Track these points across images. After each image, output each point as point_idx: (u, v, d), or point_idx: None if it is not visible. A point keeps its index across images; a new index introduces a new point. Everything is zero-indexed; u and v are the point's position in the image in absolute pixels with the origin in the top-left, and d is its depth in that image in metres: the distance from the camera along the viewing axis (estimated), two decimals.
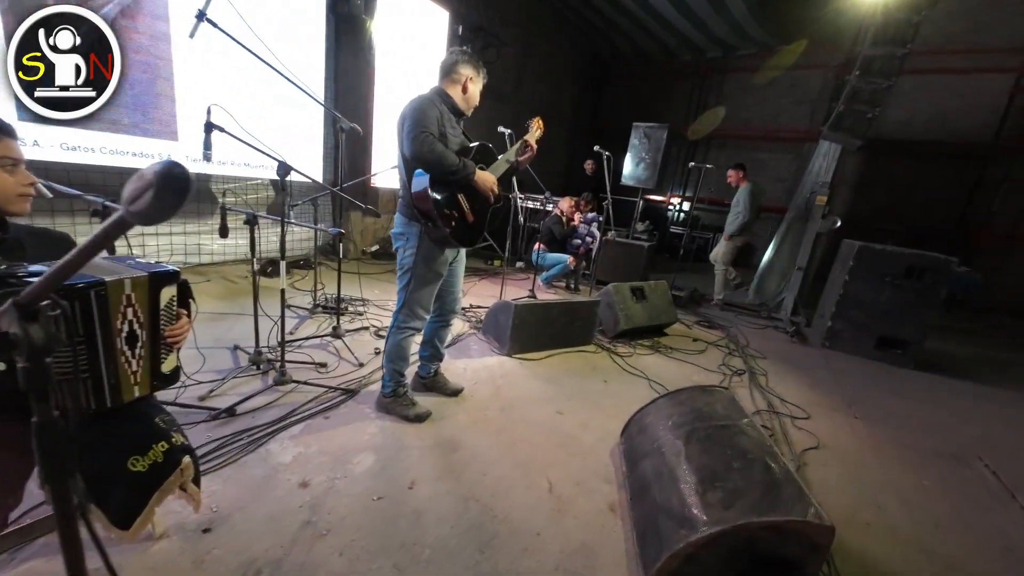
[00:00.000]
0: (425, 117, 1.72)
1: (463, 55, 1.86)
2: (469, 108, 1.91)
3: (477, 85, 1.88)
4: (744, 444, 1.53)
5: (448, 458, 1.81)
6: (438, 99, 1.82)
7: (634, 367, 3.00)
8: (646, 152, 5.01)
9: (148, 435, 1.01)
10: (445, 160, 1.72)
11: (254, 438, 1.74)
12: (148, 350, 1.05)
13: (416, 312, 1.94)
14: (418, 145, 1.69)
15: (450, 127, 1.82)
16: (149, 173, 0.43)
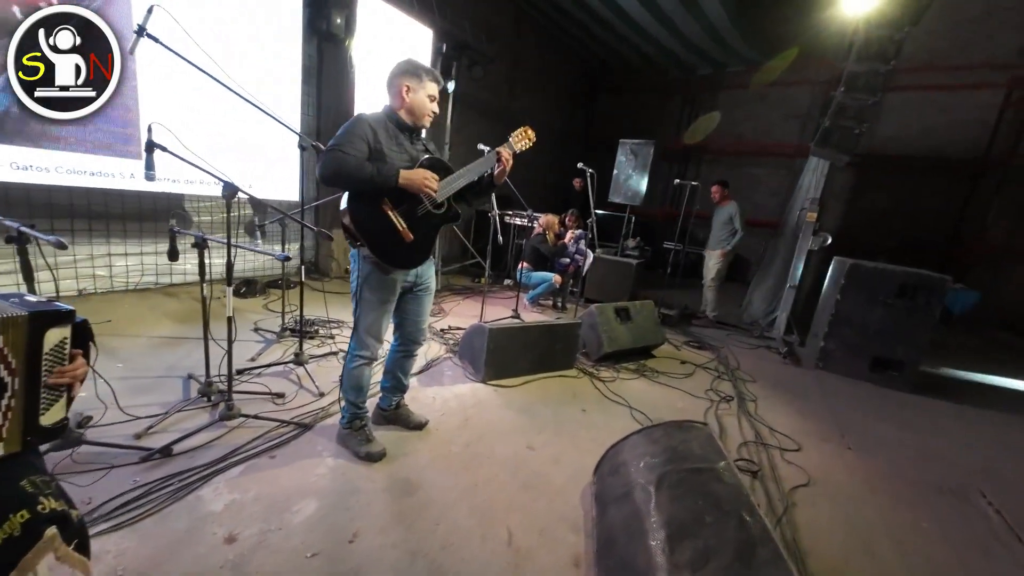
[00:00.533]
0: (344, 135, 1.60)
1: (401, 65, 1.73)
2: (418, 119, 1.75)
3: (419, 93, 1.71)
4: (719, 492, 1.38)
5: (400, 503, 1.66)
6: (383, 116, 1.72)
7: (616, 394, 2.85)
8: (633, 169, 4.95)
9: (7, 503, 0.87)
10: (352, 172, 1.55)
11: (186, 483, 1.59)
12: (22, 401, 0.91)
13: (365, 341, 1.80)
14: (321, 161, 1.56)
15: (392, 144, 1.70)
16: None
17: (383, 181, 1.60)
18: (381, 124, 1.69)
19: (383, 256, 1.69)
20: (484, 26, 6.12)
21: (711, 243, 4.73)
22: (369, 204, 1.65)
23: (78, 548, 0.98)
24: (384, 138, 1.68)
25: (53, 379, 0.98)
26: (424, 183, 1.65)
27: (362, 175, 1.57)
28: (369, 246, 1.68)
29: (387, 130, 1.70)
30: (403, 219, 1.69)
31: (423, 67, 1.74)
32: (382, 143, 1.67)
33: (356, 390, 1.89)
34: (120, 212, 3.42)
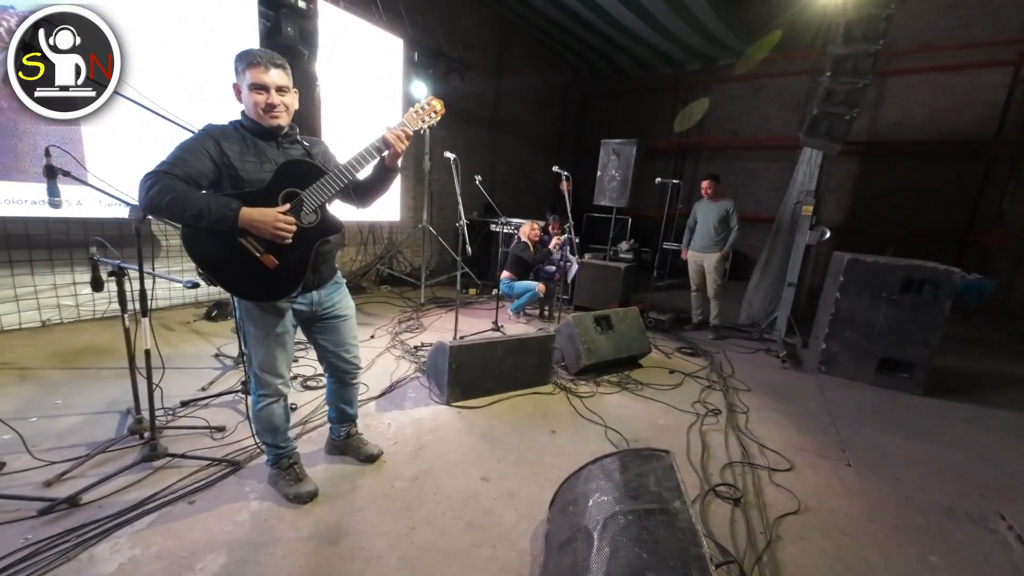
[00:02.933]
0: (177, 153, 1.36)
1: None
2: (259, 120, 1.47)
3: (244, 84, 1.45)
4: (667, 541, 1.18)
5: (320, 555, 1.48)
6: (236, 125, 1.50)
7: (593, 411, 2.64)
8: (616, 169, 4.76)
9: None
10: (183, 204, 1.29)
11: (83, 539, 1.44)
12: None
13: (262, 379, 1.62)
14: (143, 189, 1.30)
15: (250, 157, 1.47)
16: None
17: (215, 220, 1.32)
18: (231, 134, 1.47)
19: (237, 291, 1.47)
20: (461, 33, 6.03)
21: (706, 245, 4.44)
22: (211, 234, 1.37)
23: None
24: (236, 150, 1.44)
25: None
26: (274, 228, 1.37)
27: (190, 210, 1.30)
28: (219, 283, 1.42)
29: (242, 140, 1.47)
30: (258, 243, 1.41)
31: (242, 55, 1.46)
32: (230, 157, 1.43)
33: (271, 432, 1.71)
34: (81, 240, 3.35)
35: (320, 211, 1.50)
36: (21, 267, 3.18)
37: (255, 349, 1.58)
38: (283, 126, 1.52)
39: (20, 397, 2.27)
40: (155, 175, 1.32)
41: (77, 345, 3.01)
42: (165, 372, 2.10)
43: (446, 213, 6.68)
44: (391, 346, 3.49)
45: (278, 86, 1.46)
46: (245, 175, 1.45)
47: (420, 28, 4.92)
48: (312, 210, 1.48)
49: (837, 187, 7.37)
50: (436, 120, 1.62)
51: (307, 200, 1.46)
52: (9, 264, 3.11)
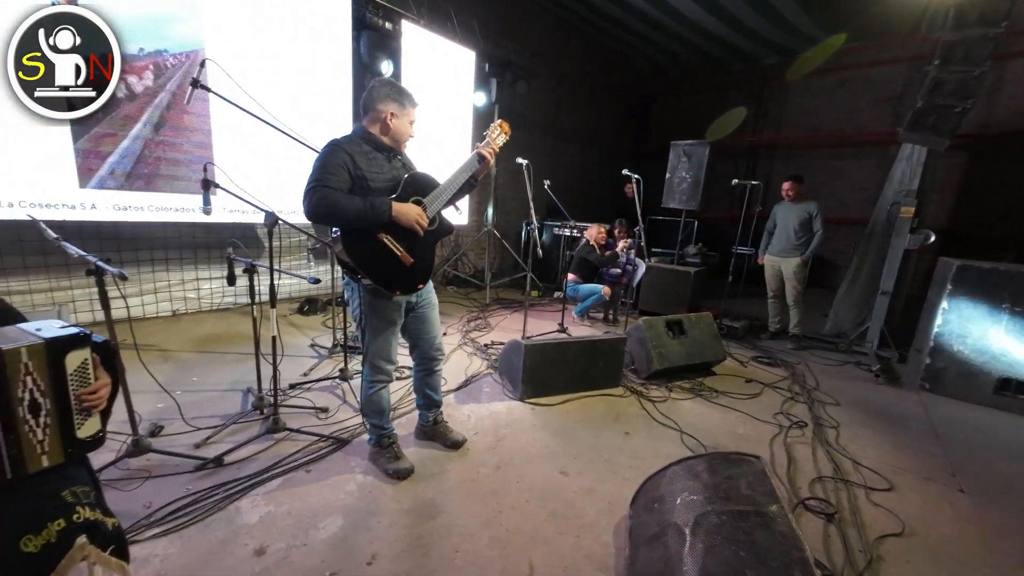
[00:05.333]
0: (323, 167, 1.58)
1: (381, 89, 1.72)
2: (399, 143, 1.77)
3: (403, 119, 1.73)
4: (765, 543, 1.18)
5: (421, 527, 1.63)
6: (357, 139, 1.71)
7: (666, 415, 2.62)
8: (687, 171, 4.64)
9: (45, 512, 0.97)
10: (346, 209, 1.54)
11: (228, 493, 1.70)
12: (55, 418, 1.02)
13: (378, 365, 1.83)
14: (308, 200, 1.54)
15: (373, 167, 1.69)
16: None
17: (376, 216, 1.58)
18: (358, 148, 1.67)
19: (387, 285, 1.69)
20: (527, 42, 6.19)
21: (785, 249, 4.19)
22: (364, 235, 1.63)
23: (116, 553, 1.07)
24: (363, 162, 1.66)
25: (85, 396, 1.08)
26: (416, 220, 1.64)
27: (354, 212, 1.55)
28: (371, 277, 1.66)
29: (364, 153, 1.68)
30: (400, 243, 1.68)
31: (406, 93, 1.74)
32: (362, 168, 1.64)
33: (379, 413, 1.92)
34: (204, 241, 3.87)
35: (438, 216, 1.70)
36: (159, 264, 3.74)
37: (374, 339, 1.79)
38: (403, 149, 1.81)
39: (166, 374, 2.69)
40: (314, 189, 1.56)
41: (200, 333, 3.49)
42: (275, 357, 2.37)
43: (508, 218, 6.86)
44: (463, 343, 3.67)
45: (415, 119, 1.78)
46: (372, 183, 1.67)
47: (490, 40, 5.12)
48: (432, 215, 1.69)
49: (942, 186, 6.60)
50: (507, 139, 1.86)
51: (429, 207, 1.67)
52: (150, 262, 3.68)
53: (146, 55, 2.88)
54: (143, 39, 2.84)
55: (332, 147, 1.65)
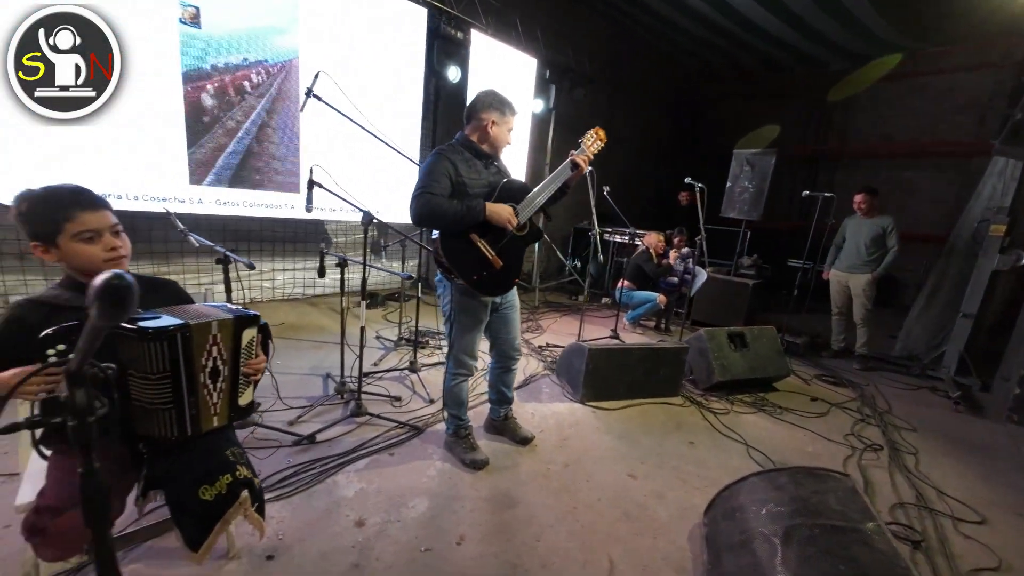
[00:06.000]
0: (429, 175, 1.73)
1: (484, 98, 1.82)
2: (497, 149, 1.86)
3: (502, 127, 1.82)
4: (865, 559, 1.18)
5: (501, 515, 1.72)
6: (459, 146, 1.83)
7: (730, 428, 2.59)
8: (749, 181, 4.53)
9: (217, 467, 1.13)
10: (445, 212, 1.68)
11: (325, 468, 1.86)
12: (228, 384, 1.17)
13: (461, 359, 1.94)
14: (413, 205, 1.70)
15: (472, 173, 1.80)
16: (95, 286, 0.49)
17: (472, 217, 1.71)
18: (459, 155, 1.80)
19: (477, 286, 1.79)
20: (584, 48, 6.23)
21: (853, 264, 4.01)
22: (459, 238, 1.76)
23: (258, 511, 1.22)
24: (464, 169, 1.79)
25: (246, 368, 1.23)
26: (508, 218, 1.74)
27: (452, 215, 1.69)
28: (462, 277, 1.78)
29: (466, 161, 1.81)
30: (491, 247, 1.78)
31: (507, 102, 1.83)
32: (463, 175, 1.77)
33: (457, 404, 2.03)
34: (281, 235, 4.17)
35: (528, 222, 1.79)
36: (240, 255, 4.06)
37: (461, 336, 1.90)
38: (499, 156, 1.90)
39: None
40: (419, 195, 1.71)
41: (276, 320, 3.76)
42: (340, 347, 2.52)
43: (556, 221, 6.91)
44: None
45: (513, 127, 1.86)
46: (470, 188, 1.79)
47: (552, 47, 5.21)
48: (524, 221, 1.78)
49: None
50: (602, 146, 1.89)
51: (521, 213, 1.76)
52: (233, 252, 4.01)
53: (248, 64, 3.16)
54: (248, 50, 3.13)
55: (437, 155, 1.78)
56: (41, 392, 0.95)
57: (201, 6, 2.83)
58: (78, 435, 0.60)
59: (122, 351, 1.03)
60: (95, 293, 0.49)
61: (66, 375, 0.58)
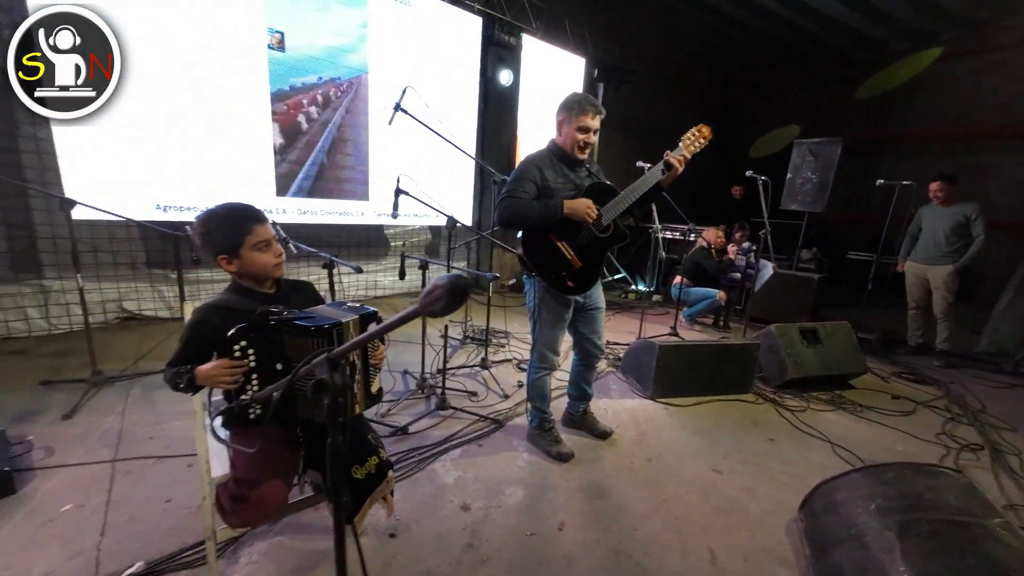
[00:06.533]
0: (514, 180, 1.83)
1: (562, 100, 1.86)
2: (570, 151, 1.86)
3: (570, 126, 1.83)
4: (999, 554, 1.16)
5: (595, 504, 1.78)
6: (546, 151, 1.91)
7: (810, 426, 2.54)
8: (812, 171, 4.37)
9: (366, 449, 1.26)
10: (527, 213, 1.78)
11: (423, 457, 1.99)
12: (363, 375, 1.31)
13: (545, 354, 2.01)
14: (498, 208, 1.81)
15: (558, 178, 1.86)
16: (441, 285, 0.57)
17: (550, 215, 1.78)
18: (546, 161, 1.88)
19: (556, 284, 1.86)
20: (631, 44, 6.19)
21: (931, 256, 3.77)
22: (539, 238, 1.84)
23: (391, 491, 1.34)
24: (550, 174, 1.86)
25: (372, 360, 1.36)
26: (586, 211, 1.78)
27: (532, 215, 1.79)
28: (542, 276, 1.85)
29: (552, 165, 1.88)
30: (571, 248, 1.84)
31: (576, 100, 1.83)
32: (548, 179, 1.84)
33: (541, 398, 2.11)
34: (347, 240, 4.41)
35: (613, 223, 1.84)
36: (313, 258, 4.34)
37: (544, 331, 1.98)
38: (584, 158, 1.91)
39: None
40: (504, 199, 1.82)
41: None
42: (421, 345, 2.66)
43: None
44: None
45: (596, 128, 1.85)
46: (555, 192, 1.86)
47: (599, 46, 5.22)
48: (608, 223, 1.83)
49: None
50: (704, 144, 1.85)
51: (605, 215, 1.81)
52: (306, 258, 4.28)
53: (323, 83, 3.39)
54: (323, 69, 3.35)
55: (525, 163, 1.88)
56: (232, 381, 1.11)
57: (285, 31, 3.07)
58: (332, 412, 0.72)
59: (288, 346, 1.17)
60: (445, 288, 0.57)
61: (327, 361, 0.70)
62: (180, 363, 1.15)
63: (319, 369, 0.70)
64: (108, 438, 1.99)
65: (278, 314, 1.16)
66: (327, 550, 1.46)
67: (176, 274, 3.56)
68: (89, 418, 2.14)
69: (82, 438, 1.97)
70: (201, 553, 1.37)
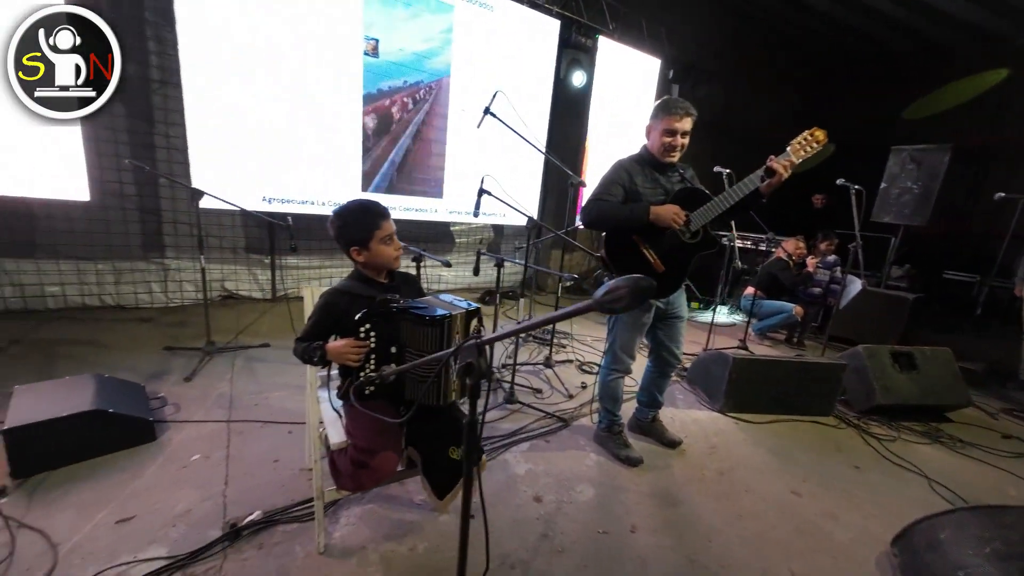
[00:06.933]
0: (603, 183, 1.86)
1: (654, 107, 1.86)
2: (657, 155, 1.85)
3: (656, 130, 1.83)
4: None
5: (666, 511, 1.77)
6: (637, 156, 1.91)
7: (901, 457, 2.35)
8: (913, 181, 3.99)
9: (459, 431, 1.35)
10: (611, 215, 1.81)
11: (494, 447, 2.07)
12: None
13: (619, 357, 2.01)
14: (584, 209, 1.86)
15: (647, 182, 1.86)
16: (624, 284, 0.62)
17: (636, 219, 1.80)
18: (635, 166, 1.89)
19: None
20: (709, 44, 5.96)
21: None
22: (622, 239, 1.87)
23: None
24: (640, 179, 1.86)
25: None
26: (672, 218, 1.77)
27: (617, 217, 1.82)
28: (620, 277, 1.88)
29: (642, 170, 1.88)
30: (654, 251, 1.84)
31: (663, 103, 1.82)
32: (637, 184, 1.86)
33: (612, 400, 2.12)
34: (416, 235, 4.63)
35: (703, 230, 1.82)
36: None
37: (621, 334, 2.00)
38: (674, 162, 1.88)
39: None
40: (591, 202, 1.86)
41: None
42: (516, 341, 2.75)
43: None
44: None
45: (684, 130, 1.81)
46: (644, 196, 1.87)
47: (676, 46, 5.09)
48: (696, 229, 1.81)
49: None
50: (819, 149, 1.73)
51: (694, 220, 1.79)
52: None
53: (408, 86, 3.59)
54: (408, 73, 3.55)
55: (615, 166, 1.91)
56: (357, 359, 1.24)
57: (380, 39, 3.29)
58: (473, 392, 0.81)
59: (403, 332, 1.29)
60: (629, 288, 0.62)
61: (476, 347, 0.79)
62: (310, 339, 1.30)
63: (467, 353, 0.78)
64: (222, 401, 2.26)
65: (397, 302, 1.28)
66: (414, 521, 1.58)
67: (269, 259, 3.98)
68: (205, 382, 2.43)
69: (201, 399, 2.25)
70: (308, 509, 1.53)
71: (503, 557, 1.46)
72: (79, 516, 1.45)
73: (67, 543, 1.35)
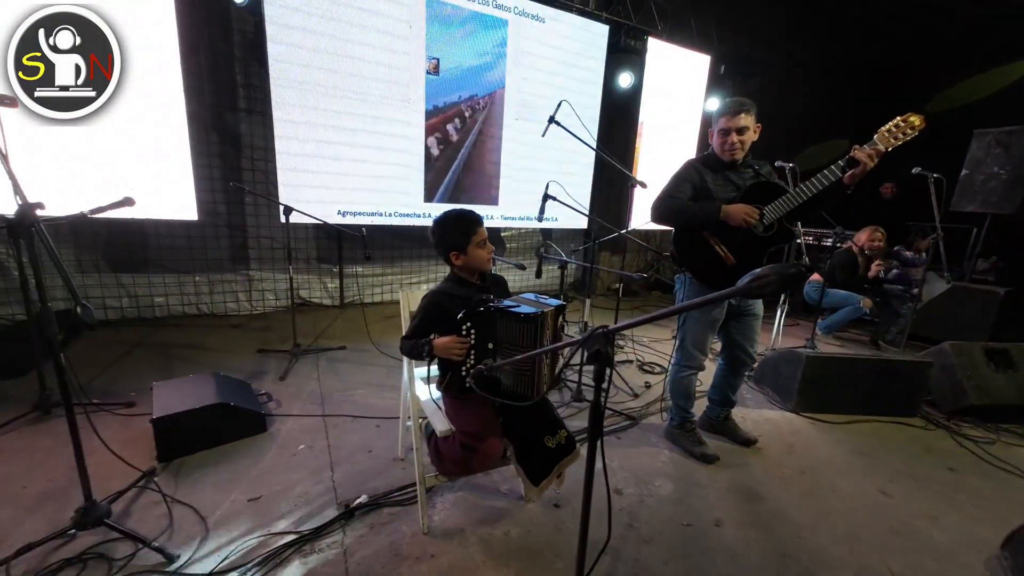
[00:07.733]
0: (674, 181, 1.93)
1: None
2: (721, 155, 1.89)
3: (715, 131, 1.89)
4: None
5: (750, 507, 1.78)
6: (704, 157, 1.96)
7: (1003, 460, 2.20)
8: (1000, 166, 3.70)
9: (556, 423, 1.44)
10: (680, 212, 1.88)
11: None
12: (551, 359, 1.49)
13: (690, 352, 2.03)
14: (653, 206, 1.94)
15: (718, 181, 1.90)
16: (772, 271, 0.69)
17: (704, 218, 1.85)
18: (705, 165, 1.94)
19: (702, 279, 1.92)
20: (762, 36, 5.79)
21: None
22: (691, 234, 1.93)
23: None
24: (710, 177, 1.91)
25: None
26: (744, 216, 1.80)
27: (686, 215, 1.88)
28: (690, 271, 1.93)
29: (710, 169, 1.93)
30: (725, 245, 1.87)
31: (720, 107, 1.88)
32: (708, 182, 1.90)
33: (684, 397, 2.14)
34: None
35: (777, 223, 1.82)
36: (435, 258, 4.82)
37: (692, 330, 2.02)
38: (738, 160, 1.89)
39: None
40: (660, 198, 1.93)
41: None
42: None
43: None
44: None
45: (739, 127, 1.82)
46: (714, 194, 1.90)
47: (726, 40, 4.99)
48: (771, 222, 1.81)
49: None
50: (912, 136, 1.65)
51: (767, 214, 1.80)
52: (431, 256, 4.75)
53: (464, 100, 3.77)
54: (464, 87, 3.73)
55: (686, 165, 1.97)
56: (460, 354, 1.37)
57: (440, 57, 3.49)
58: (599, 377, 0.89)
59: (499, 329, 1.40)
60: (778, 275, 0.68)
61: (604, 336, 0.87)
62: (415, 336, 1.44)
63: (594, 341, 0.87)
64: (314, 397, 2.48)
65: (492, 302, 1.40)
66: (503, 508, 1.69)
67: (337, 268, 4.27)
68: (297, 380, 2.67)
69: (296, 395, 2.48)
70: (408, 494, 1.68)
71: (593, 544, 1.53)
72: (217, 494, 1.67)
73: (212, 516, 1.56)
